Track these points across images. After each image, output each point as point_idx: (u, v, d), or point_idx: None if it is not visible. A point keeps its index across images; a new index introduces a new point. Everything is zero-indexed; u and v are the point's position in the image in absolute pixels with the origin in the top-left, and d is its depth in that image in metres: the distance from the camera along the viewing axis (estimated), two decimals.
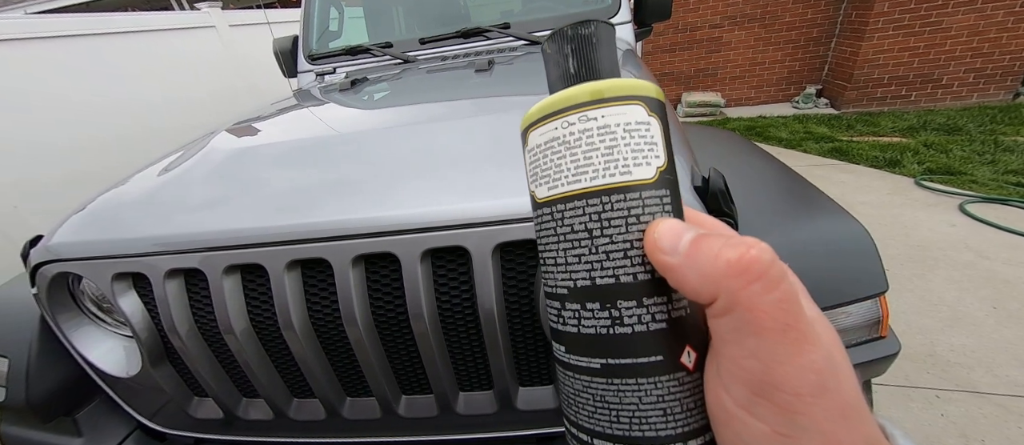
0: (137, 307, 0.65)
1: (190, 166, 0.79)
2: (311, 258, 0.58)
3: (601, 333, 0.18)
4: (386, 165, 0.66)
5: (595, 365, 0.18)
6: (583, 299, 0.18)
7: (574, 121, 0.18)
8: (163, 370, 0.70)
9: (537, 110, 0.20)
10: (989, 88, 4.02)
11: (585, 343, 0.18)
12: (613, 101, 0.18)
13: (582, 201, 0.18)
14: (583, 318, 0.18)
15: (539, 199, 0.20)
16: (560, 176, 0.19)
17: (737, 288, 0.15)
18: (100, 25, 2.66)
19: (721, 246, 0.16)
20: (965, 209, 2.23)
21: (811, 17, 4.48)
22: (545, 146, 0.19)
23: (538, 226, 0.20)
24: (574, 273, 0.18)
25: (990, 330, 1.49)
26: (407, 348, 0.64)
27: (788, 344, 0.15)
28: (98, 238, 0.64)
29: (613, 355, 0.18)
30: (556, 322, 0.20)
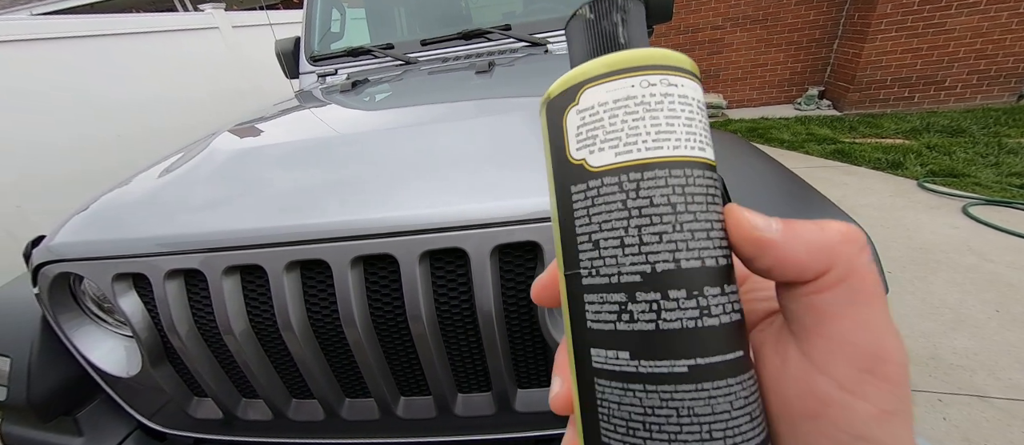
0: (137, 307, 0.65)
1: (191, 167, 0.79)
2: (310, 259, 0.58)
3: (688, 327, 0.15)
4: (386, 166, 0.66)
5: (681, 368, 0.15)
6: (666, 286, 0.15)
7: (656, 82, 0.16)
8: (163, 370, 0.70)
9: (602, 64, 0.17)
10: (993, 90, 4.00)
11: (666, 342, 0.15)
12: (687, 74, 0.17)
13: (665, 170, 0.16)
14: (665, 310, 0.15)
15: (596, 167, 0.17)
16: (635, 140, 0.16)
17: (853, 255, 0.15)
18: (104, 26, 2.68)
19: (816, 223, 0.16)
20: (968, 212, 2.22)
21: (813, 18, 4.46)
22: (615, 105, 0.16)
23: (588, 200, 0.17)
24: (653, 254, 0.16)
25: (993, 333, 1.48)
26: (406, 349, 0.64)
27: (886, 312, 0.15)
28: (99, 238, 0.65)
29: (702, 353, 0.15)
30: (614, 321, 0.16)
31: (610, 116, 0.17)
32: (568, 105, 0.18)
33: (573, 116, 0.17)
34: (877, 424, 0.15)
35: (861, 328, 0.15)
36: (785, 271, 0.16)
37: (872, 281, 0.15)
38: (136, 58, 2.81)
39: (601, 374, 0.17)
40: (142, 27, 2.91)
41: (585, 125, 0.17)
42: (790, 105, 4.83)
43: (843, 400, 0.15)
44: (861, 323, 0.15)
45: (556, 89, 0.18)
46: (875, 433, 0.15)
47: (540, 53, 1.42)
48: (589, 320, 0.17)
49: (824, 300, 0.15)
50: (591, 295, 0.17)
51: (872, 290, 0.15)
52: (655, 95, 0.16)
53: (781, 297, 0.17)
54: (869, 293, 0.15)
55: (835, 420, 0.15)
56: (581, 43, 0.19)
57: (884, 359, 0.15)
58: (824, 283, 0.15)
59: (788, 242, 0.16)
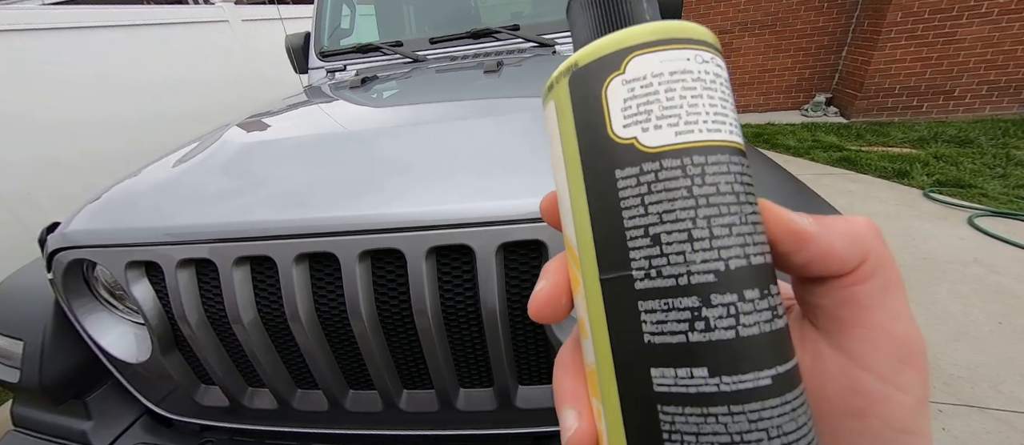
0: (149, 295, 0.67)
1: (203, 159, 0.80)
2: (319, 252, 0.59)
3: (764, 331, 0.13)
4: (395, 163, 0.67)
5: (765, 381, 0.13)
6: (741, 286, 0.13)
7: (709, 59, 0.15)
8: (172, 357, 0.71)
9: (651, 31, 0.15)
10: (1002, 101, 3.97)
11: (750, 351, 0.13)
12: (722, 56, 0.16)
13: (726, 155, 0.14)
14: (742, 313, 0.13)
15: (653, 147, 0.14)
16: (696, 119, 0.14)
17: (881, 244, 0.15)
18: (115, 17, 2.71)
19: (843, 217, 0.16)
20: (974, 222, 2.21)
21: (822, 25, 4.44)
22: (671, 77, 0.14)
23: (644, 186, 0.14)
24: (726, 249, 0.13)
25: (995, 345, 1.47)
26: (410, 343, 0.65)
27: (908, 301, 0.15)
28: (113, 226, 0.66)
29: (781, 360, 0.13)
30: (686, 331, 0.13)
31: (667, 89, 0.14)
32: (611, 73, 0.15)
33: (618, 86, 0.15)
34: (915, 414, 0.15)
35: (895, 317, 0.15)
36: (827, 264, 0.15)
37: (897, 268, 0.15)
38: (145, 50, 2.84)
39: (669, 400, 0.13)
40: (151, 19, 2.94)
41: (636, 97, 0.14)
42: (797, 111, 4.81)
43: (886, 394, 0.15)
44: (895, 312, 0.15)
45: (588, 56, 0.15)
46: (914, 424, 0.15)
47: (548, 54, 1.43)
48: (647, 333, 0.14)
49: (862, 291, 0.15)
50: (650, 302, 0.14)
51: (899, 277, 0.15)
52: (709, 73, 0.15)
53: (808, 294, 0.16)
54: (897, 280, 0.15)
55: (880, 415, 0.15)
56: (593, 16, 0.16)
57: (915, 347, 0.15)
58: (862, 274, 0.15)
59: (825, 234, 0.15)
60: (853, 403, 0.15)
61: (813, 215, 0.16)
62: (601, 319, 0.15)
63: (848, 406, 0.15)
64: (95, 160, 2.43)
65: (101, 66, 2.57)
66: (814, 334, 0.16)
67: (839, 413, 0.15)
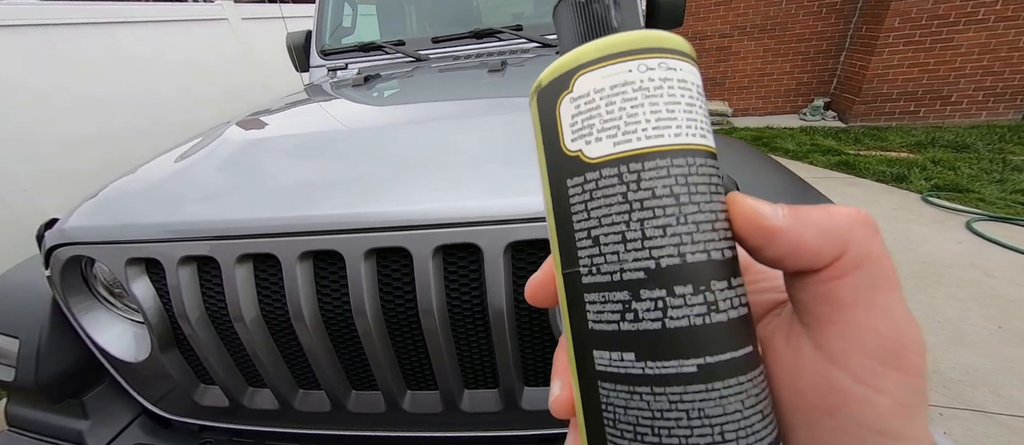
0: (149, 292, 0.66)
1: (204, 155, 0.79)
2: (324, 250, 0.58)
3: (695, 324, 0.14)
4: (400, 160, 0.67)
5: (689, 368, 0.14)
6: (671, 282, 0.14)
7: (654, 67, 0.15)
8: (171, 356, 0.70)
9: (596, 48, 0.16)
10: (998, 107, 4.00)
11: (674, 341, 0.14)
12: (685, 57, 0.16)
13: (667, 160, 0.15)
14: (671, 307, 0.14)
15: (593, 158, 0.16)
16: (635, 128, 0.15)
17: (868, 237, 0.14)
18: (113, 13, 2.69)
19: (824, 207, 0.15)
20: (972, 227, 2.22)
21: (821, 29, 4.47)
22: (611, 91, 0.15)
23: (586, 194, 0.16)
24: (657, 249, 0.15)
25: (994, 349, 1.48)
26: (415, 343, 0.64)
27: (903, 298, 0.14)
28: (113, 223, 0.65)
29: (711, 351, 0.14)
30: (617, 321, 0.15)
31: (607, 103, 0.16)
32: (561, 93, 0.17)
33: (567, 105, 0.16)
34: (896, 418, 0.14)
35: (880, 316, 0.14)
36: (798, 259, 0.15)
37: (889, 265, 0.14)
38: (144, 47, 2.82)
39: (605, 377, 0.16)
40: (151, 16, 2.92)
41: (580, 114, 0.16)
42: (795, 115, 4.83)
43: (862, 394, 0.14)
44: (879, 310, 0.14)
45: (547, 76, 0.17)
46: (894, 427, 0.14)
47: (551, 54, 1.43)
48: (590, 321, 0.16)
49: (840, 287, 0.14)
50: (592, 294, 0.16)
51: (890, 274, 0.14)
52: (654, 80, 0.15)
53: (790, 287, 0.16)
54: (887, 277, 0.14)
55: (853, 414, 0.14)
56: (571, 28, 0.18)
57: (903, 348, 0.14)
58: (839, 269, 0.14)
59: (797, 228, 0.15)
60: (827, 401, 0.15)
61: (791, 206, 0.15)
62: (565, 307, 0.17)
63: (823, 404, 0.15)
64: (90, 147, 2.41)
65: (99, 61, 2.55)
66: (798, 329, 0.16)
67: (815, 410, 0.15)
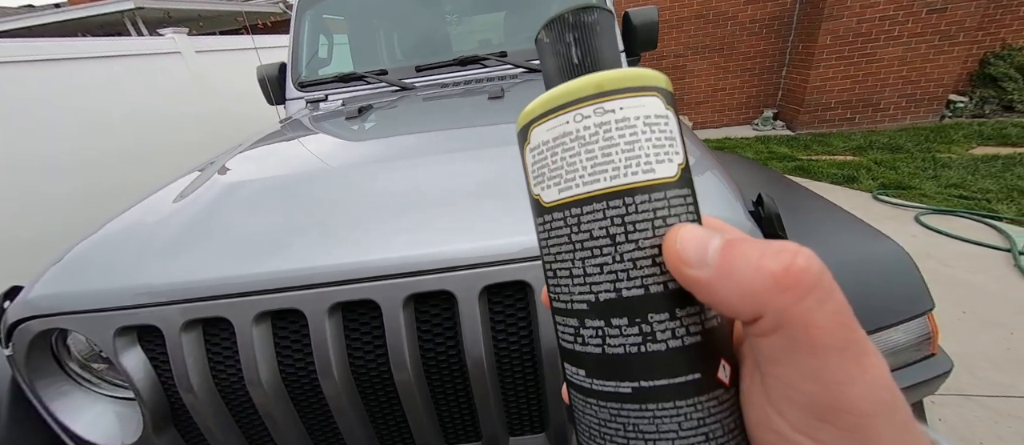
0: (142, 364, 0.57)
1: (199, 201, 0.72)
2: (357, 300, 0.53)
3: (631, 352, 0.16)
4: (418, 202, 0.63)
5: (625, 389, 0.16)
6: (608, 314, 0.16)
7: (589, 114, 0.16)
8: (166, 435, 0.61)
9: (541, 103, 0.17)
10: (919, 111, 4.49)
11: (612, 365, 0.16)
12: (631, 92, 0.16)
13: (602, 203, 0.16)
14: (609, 336, 0.16)
15: (547, 203, 0.17)
16: (574, 176, 0.16)
17: (787, 305, 0.13)
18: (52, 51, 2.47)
19: (759, 255, 0.14)
20: (920, 220, 2.43)
21: (763, 48, 4.88)
22: (554, 143, 0.17)
23: (545, 234, 0.18)
24: (596, 285, 0.16)
25: (964, 335, 1.59)
26: (389, 399, 0.58)
27: (851, 362, 0.13)
28: (97, 288, 0.56)
29: (646, 376, 0.16)
30: (572, 342, 0.17)
31: (552, 154, 0.17)
32: (524, 143, 0.18)
33: (528, 154, 0.18)
34: None
35: (808, 379, 0.13)
36: (722, 312, 0.15)
37: (820, 330, 0.13)
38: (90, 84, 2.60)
39: (571, 385, 0.18)
40: (95, 52, 2.71)
41: (536, 163, 0.18)
42: (749, 126, 5.18)
43: (799, 441, 0.14)
44: (806, 374, 0.13)
45: (518, 125, 0.19)
46: None
47: (538, 79, 1.44)
48: (560, 337, 0.19)
49: (764, 344, 0.14)
50: (557, 317, 0.19)
51: (820, 340, 0.13)
52: (589, 128, 0.16)
53: None
54: (816, 343, 0.13)
55: None
56: (545, 65, 0.19)
57: (844, 411, 0.13)
58: (760, 329, 0.14)
59: (716, 283, 0.14)
60: (765, 437, 0.15)
61: (731, 244, 0.15)
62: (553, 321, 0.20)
63: (762, 438, 0.15)
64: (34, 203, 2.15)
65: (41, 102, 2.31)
66: (753, 364, 0.16)
67: (758, 441, 0.16)
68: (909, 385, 0.61)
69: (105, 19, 6.25)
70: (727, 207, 0.57)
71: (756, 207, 0.60)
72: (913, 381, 0.61)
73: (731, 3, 4.69)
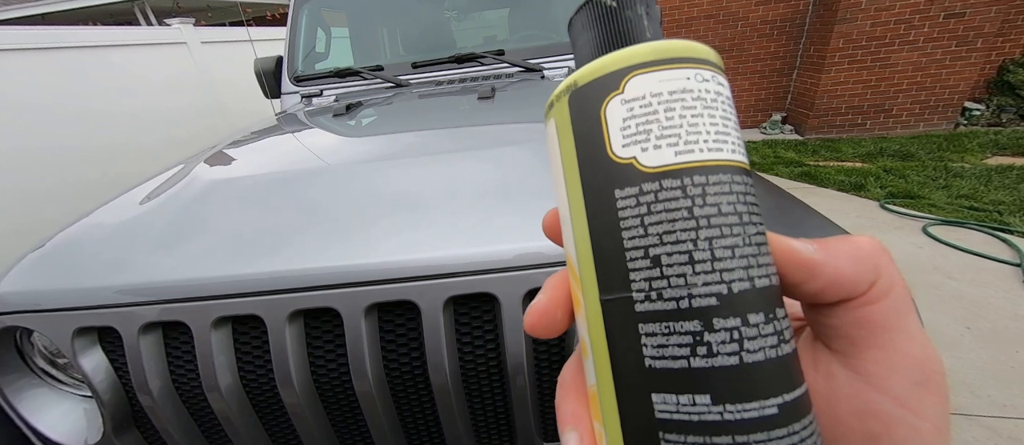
0: (102, 365, 0.56)
1: (167, 201, 0.71)
2: (318, 308, 0.51)
3: (770, 357, 0.13)
4: (398, 202, 0.61)
5: (771, 410, 0.13)
6: (745, 309, 0.13)
7: (709, 78, 0.14)
8: (127, 437, 0.60)
9: (652, 50, 0.14)
10: (933, 118, 4.38)
11: (753, 378, 0.13)
12: (724, 73, 0.16)
13: (729, 175, 0.14)
14: (747, 338, 0.13)
15: (651, 167, 0.14)
16: (697, 139, 0.14)
17: (889, 264, 0.15)
18: (61, 38, 2.49)
19: (841, 238, 0.15)
20: (928, 231, 2.37)
21: (774, 50, 4.79)
22: (670, 97, 0.14)
23: (643, 207, 0.14)
24: (728, 272, 0.13)
25: (967, 351, 1.55)
26: (421, 403, 0.57)
27: (920, 321, 0.15)
28: (58, 287, 0.56)
29: (788, 388, 0.13)
30: (687, 357, 0.13)
31: (666, 109, 0.14)
32: (609, 93, 0.15)
33: (617, 106, 0.15)
34: (936, 441, 0.14)
35: (911, 338, 0.14)
36: (838, 290, 0.15)
37: (908, 290, 0.15)
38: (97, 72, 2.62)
39: (671, 427, 0.13)
40: (104, 40, 2.73)
41: (635, 117, 0.14)
42: (757, 129, 5.10)
43: (904, 418, 0.14)
44: (910, 333, 0.14)
45: (586, 76, 0.15)
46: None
47: (535, 78, 1.41)
48: (648, 357, 0.14)
49: (875, 312, 0.14)
50: (651, 324, 0.14)
51: (911, 299, 0.15)
52: (709, 92, 0.14)
53: (820, 315, 0.16)
54: (910, 302, 0.15)
55: (897, 440, 0.14)
56: (596, 34, 0.16)
57: (933, 370, 0.14)
58: (873, 295, 0.14)
59: (833, 260, 0.15)
60: (868, 427, 0.15)
61: (816, 240, 0.15)
62: (602, 341, 0.15)
63: (863, 430, 0.15)
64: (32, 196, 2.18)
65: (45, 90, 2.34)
66: (827, 355, 0.16)
67: (854, 436, 0.15)
68: None
69: (115, 8, 6.31)
70: None
71: None
72: None
73: (742, 4, 4.61)
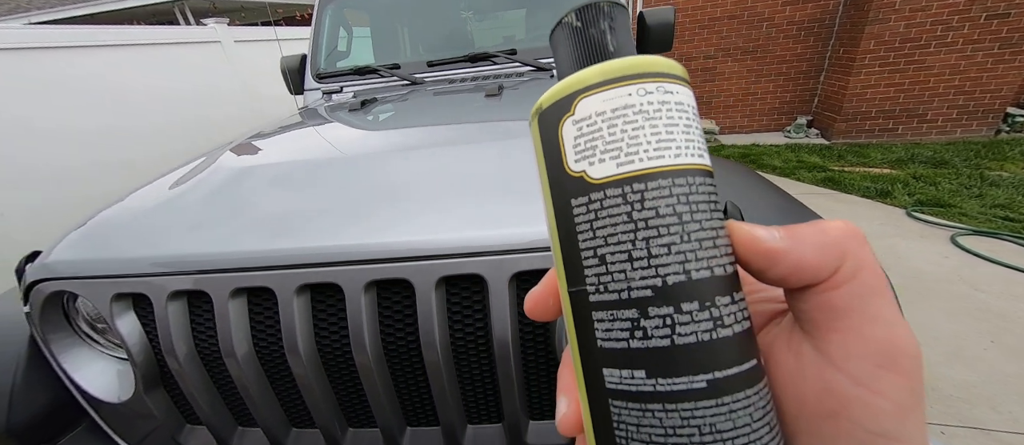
0: (135, 328, 0.63)
1: (196, 184, 0.77)
2: (322, 283, 0.56)
3: (703, 340, 0.15)
4: (398, 189, 0.66)
5: (700, 384, 0.14)
6: (678, 299, 0.15)
7: (652, 90, 0.16)
8: (156, 395, 0.67)
9: (596, 73, 0.16)
10: (971, 124, 4.16)
11: (683, 357, 0.15)
12: (681, 81, 0.17)
13: (669, 180, 0.15)
14: (679, 324, 0.15)
15: (598, 179, 0.16)
16: (637, 150, 0.15)
17: (859, 249, 0.15)
18: (106, 37, 2.68)
19: (813, 223, 0.16)
20: (957, 241, 2.27)
21: (801, 52, 4.65)
22: (613, 114, 0.16)
23: (592, 214, 0.16)
24: (663, 267, 0.15)
25: (990, 365, 1.49)
26: (416, 378, 0.62)
27: (893, 303, 0.15)
28: (99, 256, 0.63)
29: (720, 366, 0.15)
30: (626, 339, 0.15)
31: (609, 126, 0.16)
32: (563, 115, 0.17)
33: (569, 127, 0.17)
34: (894, 419, 0.14)
35: (875, 321, 0.15)
36: (801, 276, 0.16)
37: (880, 273, 0.15)
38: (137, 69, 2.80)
39: (616, 395, 0.16)
40: (143, 39, 2.92)
41: (583, 136, 0.16)
42: (780, 133, 4.96)
43: (861, 397, 0.15)
44: (874, 316, 0.15)
45: (548, 99, 0.17)
46: (892, 428, 0.14)
47: (546, 77, 1.44)
48: (599, 339, 0.16)
49: (838, 296, 0.15)
50: (600, 312, 0.16)
51: (882, 282, 0.15)
52: (653, 103, 0.16)
53: (790, 298, 0.17)
54: (880, 285, 0.15)
55: (854, 417, 0.15)
56: (568, 52, 0.18)
57: (899, 352, 0.15)
58: (837, 280, 0.15)
59: (796, 248, 0.15)
60: (827, 405, 0.15)
61: (785, 227, 0.16)
62: (571, 324, 0.17)
63: (824, 408, 0.16)
64: None
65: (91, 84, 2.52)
66: (800, 336, 0.17)
67: (816, 415, 0.16)
68: None
69: (159, 8, 6.68)
70: None
71: None
72: None
73: (768, 4, 4.49)
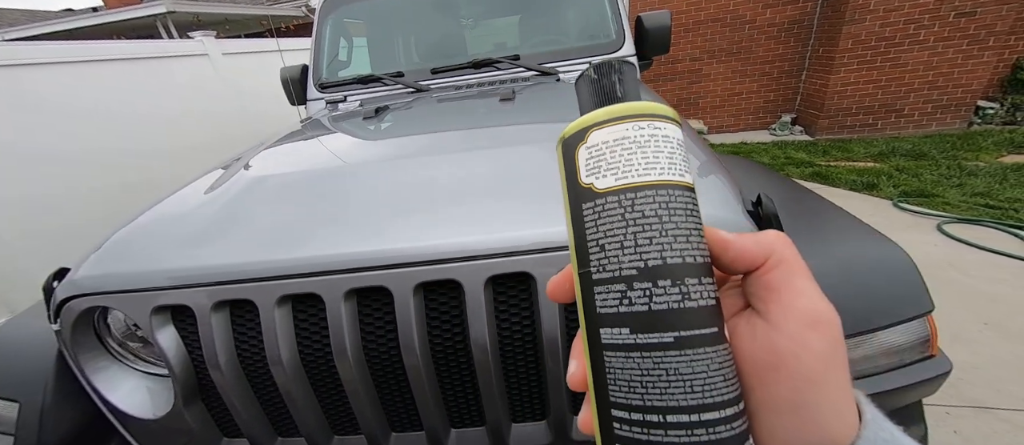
0: (174, 341, 0.62)
1: (227, 194, 0.77)
2: (369, 287, 0.56)
3: (673, 308, 0.20)
4: (439, 193, 0.66)
5: (668, 339, 0.20)
6: (655, 277, 0.20)
7: (644, 127, 0.22)
8: (194, 409, 0.65)
9: (605, 113, 0.23)
10: (945, 117, 4.35)
11: (657, 319, 0.20)
12: (669, 120, 0.23)
13: (653, 191, 0.21)
14: (655, 296, 0.20)
15: (601, 189, 0.22)
16: (630, 169, 0.21)
17: (783, 246, 0.22)
18: (89, 52, 2.62)
19: (757, 233, 0.23)
20: (942, 229, 2.36)
21: (782, 52, 4.80)
22: (614, 142, 0.22)
23: (596, 214, 0.22)
24: (645, 253, 0.21)
25: (986, 347, 1.55)
26: (461, 378, 0.62)
27: (815, 285, 0.22)
28: (136, 269, 0.62)
29: (685, 328, 0.20)
30: (617, 305, 0.21)
31: (611, 151, 0.22)
32: (579, 143, 0.23)
33: (583, 151, 0.23)
34: (819, 368, 0.20)
35: (801, 294, 0.21)
36: (745, 260, 0.22)
37: (800, 263, 0.22)
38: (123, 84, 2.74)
39: (609, 348, 0.21)
40: (129, 54, 2.86)
41: (592, 158, 0.22)
42: (766, 131, 5.10)
43: (794, 350, 0.20)
44: (800, 290, 0.21)
45: (570, 131, 0.24)
46: (821, 376, 0.20)
47: (550, 81, 1.46)
48: (598, 307, 0.22)
49: (772, 277, 0.22)
50: (599, 287, 0.22)
51: (803, 269, 0.22)
52: (644, 135, 0.22)
53: (745, 285, 0.23)
54: (801, 270, 0.22)
55: (790, 367, 0.20)
56: (588, 95, 0.25)
57: (820, 316, 0.21)
58: (769, 266, 0.22)
59: (739, 241, 0.22)
60: (771, 359, 0.21)
61: (739, 233, 0.23)
62: (580, 298, 0.23)
63: (768, 361, 0.21)
64: None
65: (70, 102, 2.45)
66: (751, 312, 0.23)
67: (764, 367, 0.21)
68: (908, 384, 0.61)
69: (139, 22, 6.55)
70: (726, 206, 0.59)
71: (755, 207, 0.62)
72: (912, 381, 0.61)
73: (749, 7, 4.64)
